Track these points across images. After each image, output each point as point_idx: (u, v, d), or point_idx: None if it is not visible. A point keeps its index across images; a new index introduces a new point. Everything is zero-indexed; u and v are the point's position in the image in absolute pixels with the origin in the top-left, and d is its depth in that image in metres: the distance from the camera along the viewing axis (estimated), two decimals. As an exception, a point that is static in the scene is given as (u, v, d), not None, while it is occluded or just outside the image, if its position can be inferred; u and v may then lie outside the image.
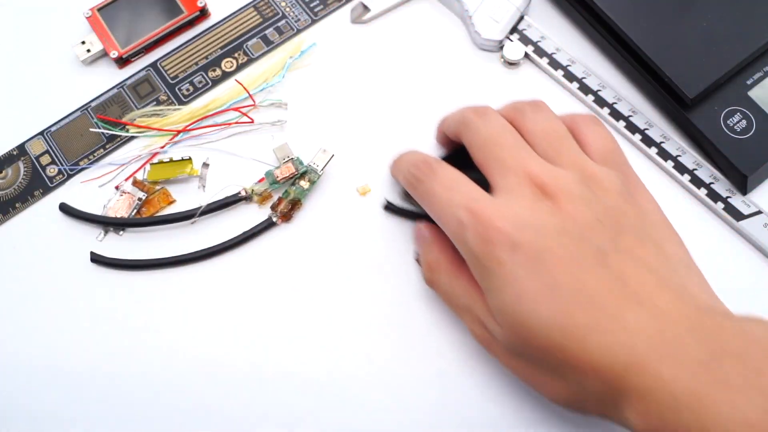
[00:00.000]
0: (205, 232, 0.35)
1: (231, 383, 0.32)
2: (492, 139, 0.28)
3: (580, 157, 0.28)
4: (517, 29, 0.39)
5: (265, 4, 0.41)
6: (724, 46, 0.35)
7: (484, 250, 0.25)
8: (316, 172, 0.36)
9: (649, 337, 0.23)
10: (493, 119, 0.29)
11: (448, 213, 0.27)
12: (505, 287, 0.25)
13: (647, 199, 0.28)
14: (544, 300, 0.24)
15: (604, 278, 0.24)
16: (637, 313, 0.23)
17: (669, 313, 0.23)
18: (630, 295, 0.24)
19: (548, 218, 0.25)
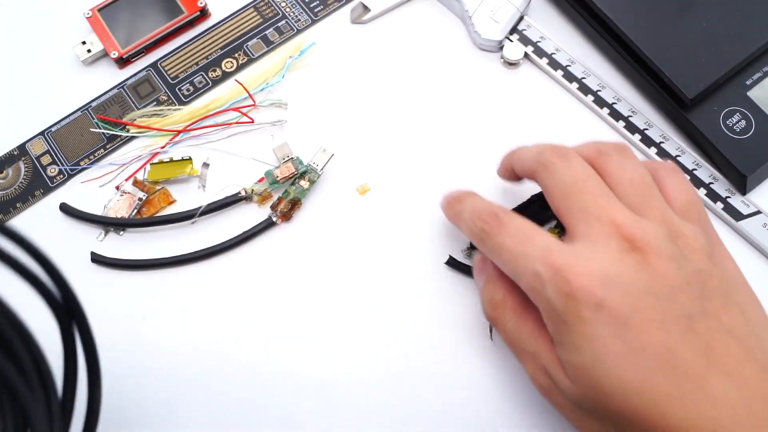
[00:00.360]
0: (205, 232, 0.35)
1: (231, 383, 0.32)
2: (576, 186, 0.26)
3: (667, 211, 0.26)
4: (517, 29, 0.39)
5: (265, 4, 0.41)
6: (723, 46, 0.35)
7: (567, 305, 0.24)
8: (315, 171, 0.36)
9: (735, 409, 0.22)
10: (577, 163, 0.27)
11: (522, 267, 0.26)
12: (584, 345, 0.24)
13: (729, 259, 0.27)
14: (627, 363, 0.23)
15: (690, 344, 0.23)
16: (723, 383, 0.23)
17: (756, 384, 0.23)
18: (716, 364, 0.23)
19: (636, 275, 0.24)
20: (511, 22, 0.38)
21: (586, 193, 0.26)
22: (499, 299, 0.29)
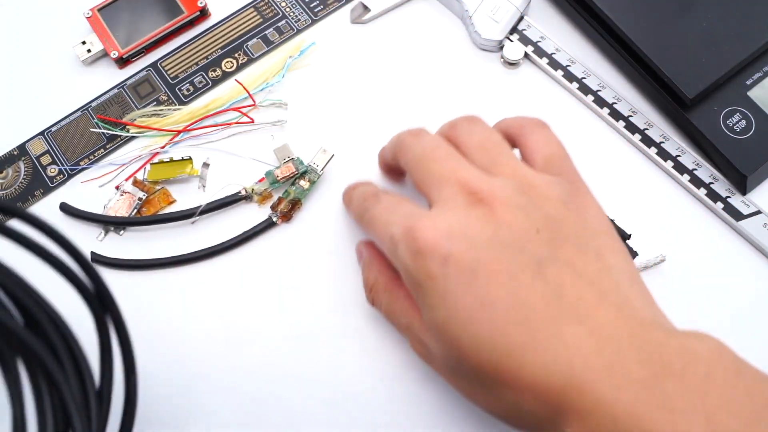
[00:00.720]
0: (205, 232, 0.35)
1: (231, 383, 0.32)
2: (425, 154, 0.28)
3: (518, 165, 0.27)
4: (517, 29, 0.39)
5: (265, 4, 0.41)
6: (723, 46, 0.35)
7: (415, 263, 0.25)
8: (316, 172, 0.36)
9: (588, 355, 0.22)
10: (427, 137, 0.29)
11: (383, 233, 0.27)
12: (437, 303, 0.24)
13: (592, 207, 0.27)
14: (478, 316, 0.23)
15: (540, 292, 0.23)
16: (575, 329, 0.22)
17: (609, 329, 0.22)
18: (568, 310, 0.23)
19: (482, 227, 0.24)
20: (511, 22, 0.38)
21: (436, 160, 0.27)
22: (372, 280, 0.30)
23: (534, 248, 0.24)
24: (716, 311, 0.33)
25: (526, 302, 0.23)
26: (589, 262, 0.24)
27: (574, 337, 0.22)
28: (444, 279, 0.24)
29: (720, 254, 0.34)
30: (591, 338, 0.22)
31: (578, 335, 0.22)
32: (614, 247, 0.26)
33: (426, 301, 0.25)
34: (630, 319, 0.23)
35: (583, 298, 0.23)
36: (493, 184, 0.25)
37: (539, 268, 0.24)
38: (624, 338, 0.22)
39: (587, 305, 0.23)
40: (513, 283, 0.23)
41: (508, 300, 0.23)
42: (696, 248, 0.35)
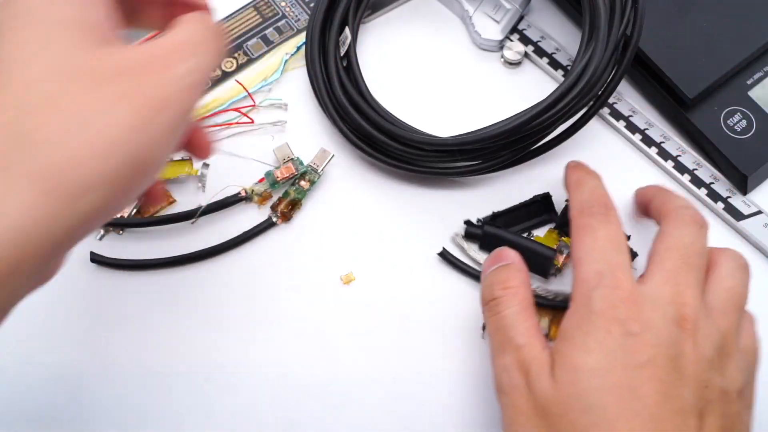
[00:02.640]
0: (205, 232, 0.35)
1: (230, 383, 0.32)
2: (687, 252, 0.27)
3: (738, 339, 0.27)
4: (517, 29, 0.39)
5: (265, 4, 0.41)
6: (724, 46, 0.35)
7: (604, 311, 0.25)
8: (316, 172, 0.36)
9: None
10: (703, 237, 0.29)
11: (594, 259, 0.27)
12: (596, 350, 0.25)
13: (750, 417, 0.27)
14: (618, 393, 0.24)
15: (676, 428, 0.24)
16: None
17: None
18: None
19: (672, 343, 0.25)
20: (511, 22, 0.38)
21: (689, 265, 0.27)
22: (513, 284, 0.28)
23: (696, 396, 0.24)
24: (717, 311, 0.33)
25: (661, 426, 0.23)
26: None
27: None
28: (617, 344, 0.24)
29: (720, 254, 0.34)
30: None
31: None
32: None
33: (584, 341, 0.25)
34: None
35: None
36: (704, 326, 0.26)
37: (687, 411, 0.24)
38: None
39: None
40: (662, 400, 0.24)
41: (650, 409, 0.24)
42: (696, 248, 0.35)
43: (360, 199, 0.36)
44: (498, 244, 0.32)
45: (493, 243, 0.33)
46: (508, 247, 0.30)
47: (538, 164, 0.36)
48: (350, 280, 0.34)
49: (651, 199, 0.32)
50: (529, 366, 0.26)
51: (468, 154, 0.34)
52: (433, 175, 0.35)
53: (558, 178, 0.36)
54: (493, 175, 0.36)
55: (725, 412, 0.25)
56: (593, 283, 0.26)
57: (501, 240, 0.33)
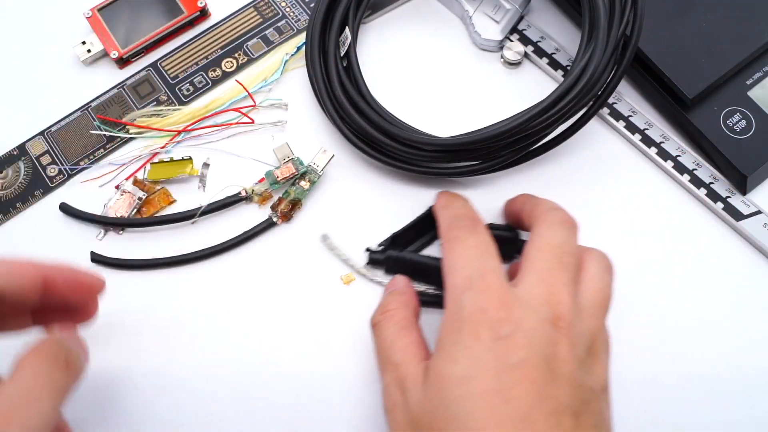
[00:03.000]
0: (205, 232, 0.35)
1: (231, 382, 0.32)
2: (558, 253, 0.27)
3: (603, 338, 0.27)
4: (517, 29, 0.39)
5: (265, 4, 0.41)
6: (724, 46, 0.35)
7: (473, 316, 0.25)
8: (316, 172, 0.36)
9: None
10: (575, 236, 0.29)
11: (462, 265, 0.27)
12: (460, 359, 0.24)
13: (610, 415, 0.27)
14: (488, 399, 0.23)
15: (549, 430, 0.23)
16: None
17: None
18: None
19: (545, 343, 0.24)
20: (511, 22, 0.38)
21: (561, 265, 0.27)
22: (391, 307, 0.29)
23: (571, 394, 0.24)
24: (716, 311, 0.33)
25: (534, 425, 0.23)
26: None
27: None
28: (485, 349, 0.24)
29: (720, 254, 0.34)
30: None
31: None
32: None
33: (451, 350, 0.25)
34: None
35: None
36: (577, 325, 0.26)
37: (563, 410, 0.24)
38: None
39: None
40: (535, 401, 0.23)
41: (522, 410, 0.23)
42: (696, 248, 0.35)
43: (360, 199, 0.36)
44: (403, 268, 0.33)
45: (397, 267, 0.33)
46: (412, 264, 0.33)
47: (538, 164, 0.36)
48: (350, 280, 0.34)
49: (520, 207, 0.32)
50: (405, 382, 0.26)
51: (468, 154, 0.34)
52: (433, 175, 0.35)
53: (558, 179, 0.36)
54: (493, 175, 0.36)
55: (595, 409, 0.25)
56: (463, 288, 0.26)
57: (405, 262, 0.33)
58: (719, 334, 0.33)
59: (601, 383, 0.26)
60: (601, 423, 0.25)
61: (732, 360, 0.32)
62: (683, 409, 0.31)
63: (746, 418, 0.31)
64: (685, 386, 0.32)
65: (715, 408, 0.32)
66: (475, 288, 0.26)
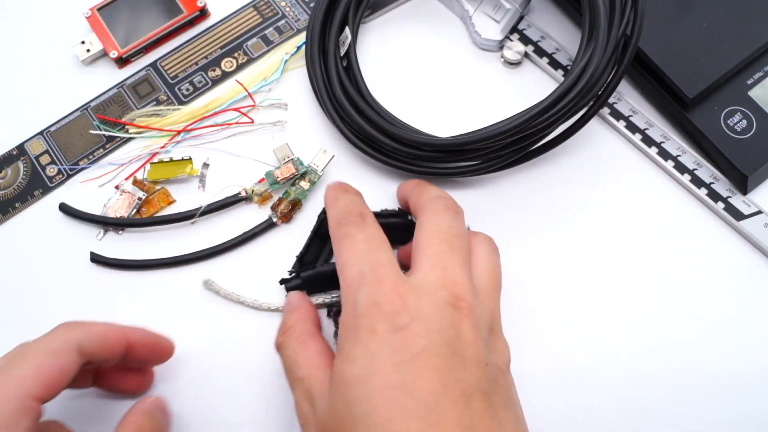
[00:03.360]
0: (205, 232, 0.35)
1: (230, 383, 0.32)
2: (448, 236, 0.27)
3: (498, 315, 0.28)
4: (517, 29, 0.39)
5: (265, 4, 0.41)
6: (724, 46, 0.35)
7: (368, 311, 0.24)
8: (316, 172, 0.36)
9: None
10: (461, 220, 0.29)
11: (354, 262, 0.26)
12: (358, 358, 0.24)
13: (513, 386, 0.27)
14: (389, 395, 0.23)
15: (460, 414, 0.22)
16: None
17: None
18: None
19: (448, 325, 0.24)
20: (511, 22, 0.38)
21: (452, 247, 0.27)
22: (289, 325, 0.29)
23: (477, 375, 0.24)
24: (717, 311, 0.33)
25: (441, 413, 0.22)
26: (509, 419, 0.24)
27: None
28: (382, 343, 0.24)
29: (720, 254, 0.34)
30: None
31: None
32: (521, 418, 0.25)
33: (349, 351, 0.24)
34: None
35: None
36: (477, 305, 0.26)
37: (471, 392, 0.23)
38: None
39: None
40: (441, 388, 0.23)
41: (428, 399, 0.22)
42: (696, 248, 0.35)
43: None
44: (323, 282, 0.33)
45: (317, 284, 0.33)
46: (328, 275, 0.32)
47: (538, 164, 0.36)
48: None
49: (408, 195, 0.32)
50: (312, 393, 0.26)
51: (468, 154, 0.34)
52: (433, 175, 0.35)
53: (558, 179, 0.36)
54: (493, 175, 0.36)
55: (503, 386, 0.25)
56: (356, 285, 0.25)
57: (322, 276, 0.33)
58: (720, 334, 0.33)
59: (505, 361, 0.26)
60: (509, 399, 0.25)
61: (732, 360, 0.32)
62: (683, 409, 0.31)
63: (746, 418, 0.31)
64: (685, 386, 0.32)
65: (715, 408, 0.32)
66: (367, 283, 0.25)
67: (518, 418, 0.25)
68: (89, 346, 0.26)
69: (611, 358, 0.32)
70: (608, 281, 0.34)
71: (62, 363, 0.25)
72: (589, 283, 0.34)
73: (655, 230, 0.35)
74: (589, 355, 0.32)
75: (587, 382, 0.32)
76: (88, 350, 0.26)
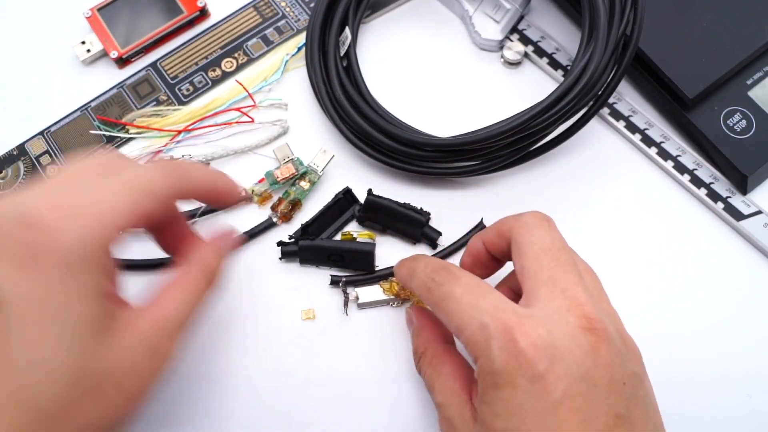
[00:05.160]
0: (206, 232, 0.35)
1: (230, 382, 0.32)
2: (554, 252, 0.25)
3: (614, 310, 0.26)
4: (517, 29, 0.39)
5: (265, 4, 0.41)
6: (724, 46, 0.35)
7: (506, 366, 0.23)
8: (316, 172, 0.36)
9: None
10: (558, 232, 0.27)
11: (469, 317, 0.24)
12: (502, 412, 0.23)
13: (648, 376, 0.26)
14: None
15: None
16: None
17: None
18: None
19: (583, 357, 0.23)
20: (511, 22, 0.38)
21: (561, 263, 0.25)
22: (422, 350, 0.29)
23: (617, 400, 0.23)
24: (716, 311, 0.33)
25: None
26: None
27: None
28: (524, 394, 0.23)
29: (720, 254, 0.34)
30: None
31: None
32: (663, 428, 0.25)
33: (492, 404, 0.23)
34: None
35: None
36: (605, 320, 0.24)
37: (613, 422, 0.23)
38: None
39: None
40: (585, 428, 0.22)
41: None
42: (696, 248, 0.35)
43: (360, 199, 0.36)
44: (317, 255, 0.33)
45: (311, 255, 0.34)
46: (325, 251, 0.33)
47: (538, 164, 0.36)
48: (308, 317, 0.34)
49: (492, 238, 0.29)
50: (452, 420, 0.26)
51: (468, 154, 0.34)
52: (433, 175, 0.35)
53: (558, 179, 0.36)
54: (493, 175, 0.36)
55: (641, 397, 0.24)
56: (483, 339, 0.24)
57: (318, 250, 0.33)
58: (720, 334, 0.33)
59: (638, 360, 0.25)
60: (647, 408, 0.24)
61: (732, 360, 0.32)
62: (683, 409, 0.31)
63: (746, 418, 0.31)
64: (685, 386, 0.32)
65: (715, 408, 0.32)
66: (494, 335, 0.23)
67: (656, 426, 0.24)
68: (184, 195, 0.26)
69: (611, 358, 0.32)
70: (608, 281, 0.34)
71: (156, 209, 0.25)
72: (589, 283, 0.34)
73: (654, 230, 0.35)
74: (589, 355, 0.32)
75: (587, 382, 0.32)
76: (181, 197, 0.26)
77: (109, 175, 0.24)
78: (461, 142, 0.33)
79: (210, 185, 0.28)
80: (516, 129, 0.32)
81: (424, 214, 0.34)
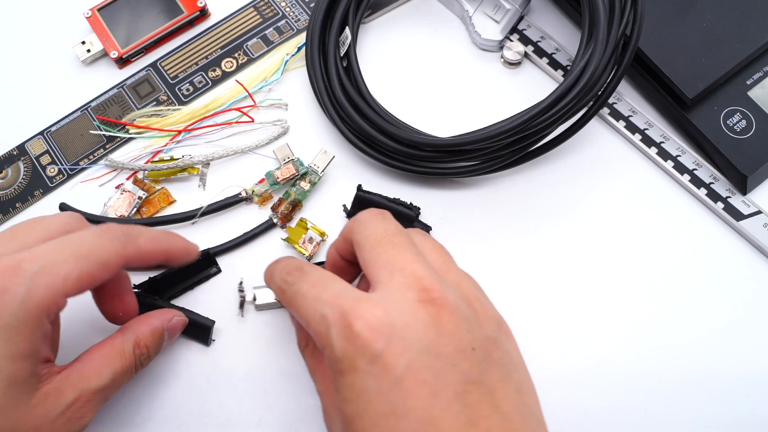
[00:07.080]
0: (205, 232, 0.35)
1: (230, 382, 0.32)
2: (387, 238, 0.26)
3: (465, 278, 0.26)
4: (517, 29, 0.39)
5: (265, 4, 0.41)
6: (724, 46, 0.35)
7: (345, 351, 0.23)
8: (316, 173, 0.36)
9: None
10: (392, 221, 0.27)
11: (312, 310, 0.25)
12: (350, 397, 0.23)
13: (513, 337, 0.26)
14: (384, 423, 0.22)
15: (455, 415, 0.22)
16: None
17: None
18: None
19: (425, 330, 0.23)
20: (511, 22, 0.38)
21: (396, 246, 0.26)
22: (303, 345, 0.29)
23: (466, 367, 0.23)
24: (716, 311, 0.33)
25: (438, 423, 0.22)
26: (508, 394, 0.23)
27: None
28: (365, 376, 0.23)
29: (720, 254, 0.34)
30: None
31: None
32: (530, 385, 0.25)
33: (341, 391, 0.24)
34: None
35: (492, 431, 0.22)
36: (447, 287, 0.25)
37: (463, 389, 0.23)
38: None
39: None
40: (433, 399, 0.22)
41: (421, 416, 0.22)
42: (696, 248, 0.35)
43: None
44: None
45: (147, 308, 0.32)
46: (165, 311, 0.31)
47: (538, 164, 0.36)
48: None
49: (341, 244, 0.29)
50: (330, 413, 0.26)
51: (468, 154, 0.34)
52: (433, 175, 0.35)
53: (558, 179, 0.36)
54: (493, 175, 0.36)
55: (497, 359, 0.24)
56: (324, 329, 0.24)
57: (153, 307, 0.32)
58: (719, 334, 0.33)
59: (493, 325, 0.25)
60: (505, 370, 0.24)
61: (732, 360, 0.32)
62: (684, 409, 0.32)
63: (746, 418, 0.31)
64: (685, 386, 0.32)
65: (715, 408, 0.32)
66: (332, 322, 0.24)
67: (519, 386, 0.24)
68: (134, 262, 0.27)
69: (611, 357, 0.32)
70: (608, 281, 0.34)
71: (104, 277, 0.26)
72: (588, 283, 0.34)
73: (654, 230, 0.35)
74: (588, 355, 0.33)
75: (587, 381, 0.32)
76: (131, 265, 0.27)
77: (64, 240, 0.25)
78: (461, 142, 0.33)
79: (162, 251, 0.29)
80: (516, 129, 0.32)
81: (414, 209, 0.34)
